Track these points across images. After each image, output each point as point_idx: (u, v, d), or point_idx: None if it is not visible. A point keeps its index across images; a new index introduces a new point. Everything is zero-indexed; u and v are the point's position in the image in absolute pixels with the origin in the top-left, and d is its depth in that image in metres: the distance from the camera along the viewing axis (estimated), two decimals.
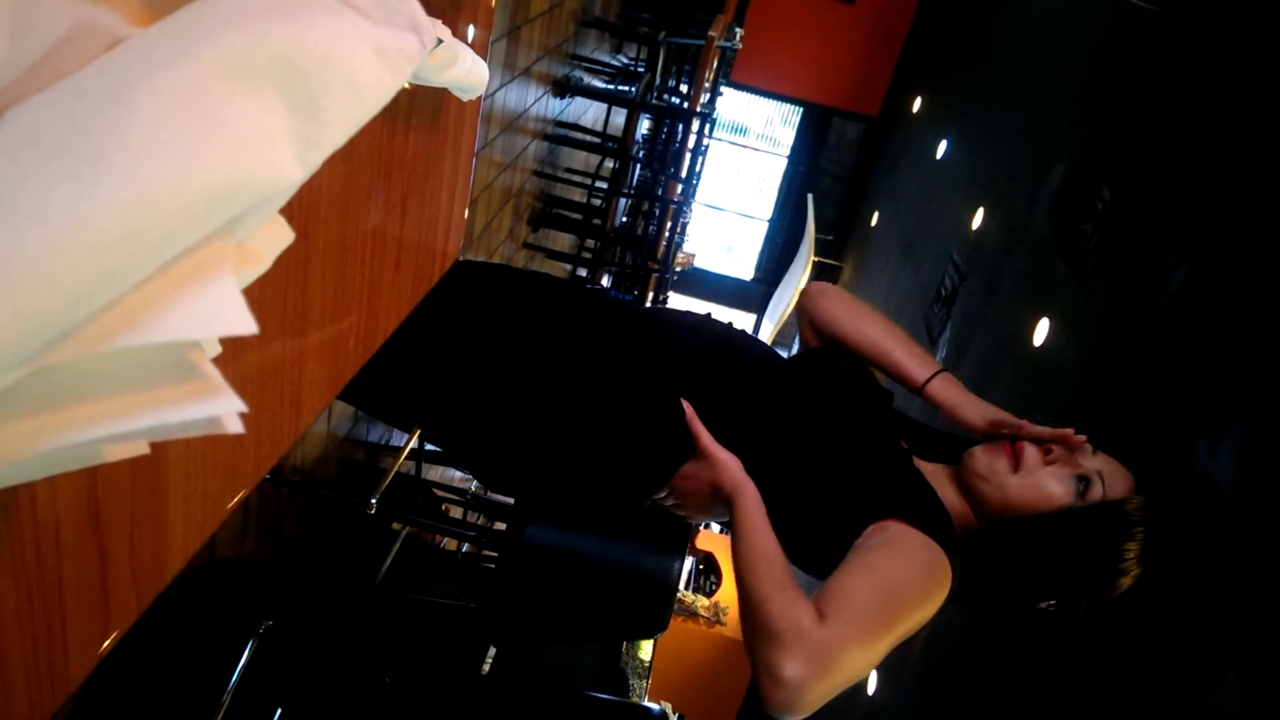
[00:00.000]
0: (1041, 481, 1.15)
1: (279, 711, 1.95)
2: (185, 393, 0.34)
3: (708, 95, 5.82)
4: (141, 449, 0.38)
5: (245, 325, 0.34)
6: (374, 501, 1.97)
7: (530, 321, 1.34)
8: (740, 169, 10.79)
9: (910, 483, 1.17)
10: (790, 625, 0.93)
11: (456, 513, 3.44)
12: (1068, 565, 1.17)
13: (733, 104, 9.70)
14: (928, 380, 1.28)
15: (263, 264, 0.43)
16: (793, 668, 0.91)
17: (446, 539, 3.30)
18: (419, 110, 0.76)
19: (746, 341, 1.35)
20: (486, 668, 2.35)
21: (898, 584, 1.00)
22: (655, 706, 2.26)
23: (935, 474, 1.25)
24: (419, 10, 0.49)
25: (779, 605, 0.96)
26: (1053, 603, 1.23)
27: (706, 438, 1.18)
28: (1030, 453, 1.17)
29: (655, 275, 5.02)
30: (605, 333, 1.33)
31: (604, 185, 4.69)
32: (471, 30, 0.81)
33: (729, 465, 1.15)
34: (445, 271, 0.95)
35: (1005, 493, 1.16)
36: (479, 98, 0.78)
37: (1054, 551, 1.16)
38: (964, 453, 1.22)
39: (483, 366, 1.31)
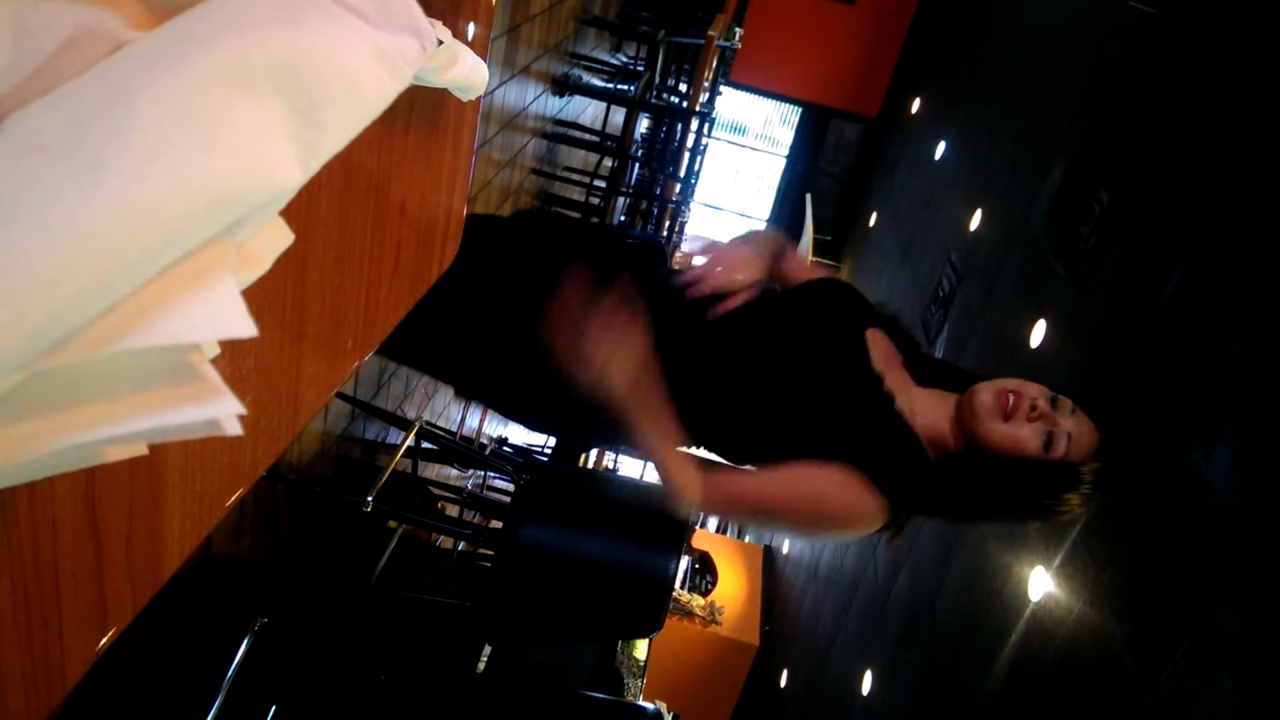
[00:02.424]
0: (1019, 432, 1.31)
1: (273, 709, 1.95)
2: (185, 395, 0.34)
3: (707, 94, 5.83)
4: (140, 450, 0.38)
5: (244, 328, 0.34)
6: (370, 499, 1.97)
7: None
8: (739, 168, 10.79)
9: (879, 431, 1.35)
10: (679, 472, 1.32)
11: (453, 511, 3.44)
12: (1020, 498, 1.37)
13: (732, 103, 9.69)
14: None
15: (262, 266, 0.44)
16: (691, 498, 1.32)
17: (442, 537, 3.30)
18: (418, 109, 0.76)
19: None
20: (482, 666, 2.35)
21: (796, 495, 1.31)
22: (650, 706, 2.27)
23: (932, 397, 1.43)
24: (419, 13, 0.49)
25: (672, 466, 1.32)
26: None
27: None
28: (1022, 405, 1.32)
29: None
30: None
31: (602, 184, 4.69)
32: (472, 28, 0.81)
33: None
34: (444, 271, 0.95)
35: (989, 434, 1.33)
36: (479, 97, 0.78)
37: (1011, 488, 1.35)
38: (969, 387, 1.39)
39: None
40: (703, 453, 1.45)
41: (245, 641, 1.82)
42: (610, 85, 5.24)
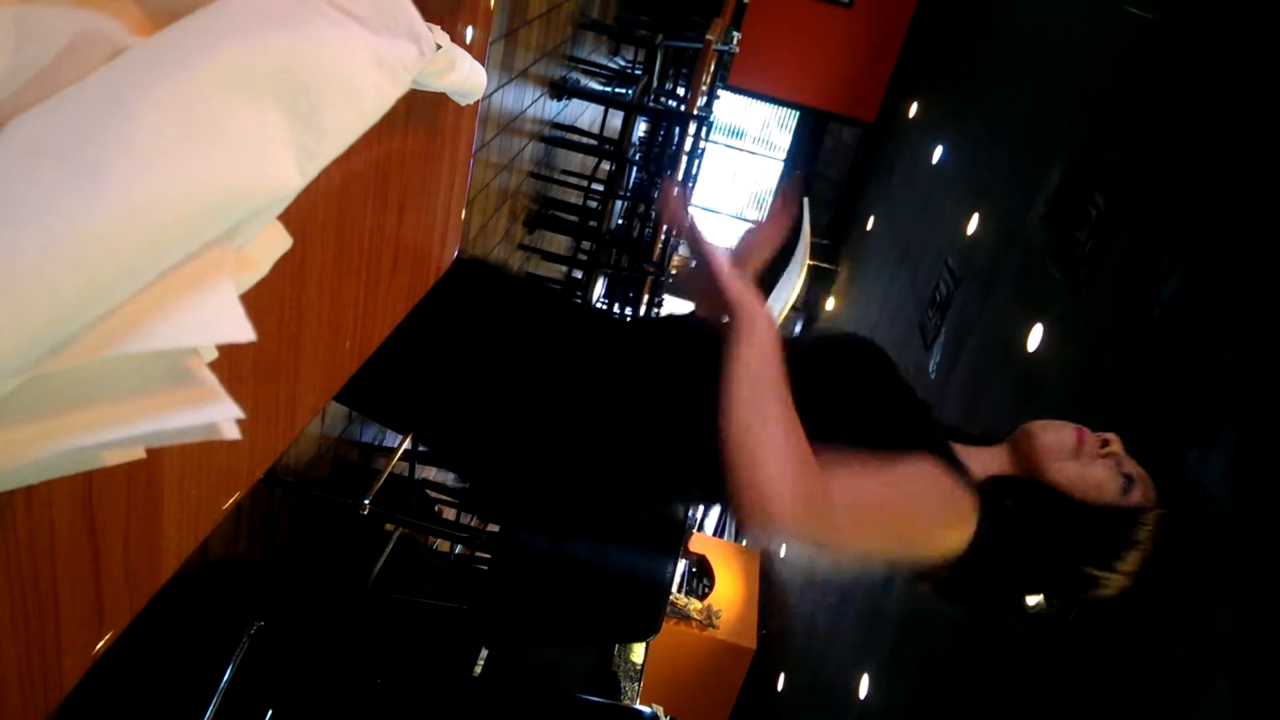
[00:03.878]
0: (1096, 471, 1.14)
1: (270, 713, 1.94)
2: (183, 399, 0.34)
3: (705, 98, 5.83)
4: (138, 454, 0.38)
5: (243, 333, 0.35)
6: (367, 502, 1.97)
7: (530, 332, 1.34)
8: (736, 172, 10.80)
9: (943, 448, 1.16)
10: (800, 465, 0.95)
11: (449, 514, 3.44)
12: (1078, 554, 1.15)
13: (729, 107, 9.71)
14: None
15: (260, 270, 0.44)
16: (785, 503, 0.93)
17: (439, 540, 3.30)
18: (416, 113, 0.76)
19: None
20: (478, 670, 2.35)
21: (909, 490, 1.02)
22: (647, 709, 2.27)
23: (968, 451, 1.23)
24: (418, 19, 0.49)
25: (795, 439, 0.96)
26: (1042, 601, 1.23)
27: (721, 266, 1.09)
28: (1091, 440, 1.16)
29: (650, 278, 5.02)
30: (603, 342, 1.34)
31: (600, 187, 4.69)
32: (470, 32, 0.81)
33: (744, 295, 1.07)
34: (442, 274, 0.95)
35: (1062, 472, 1.15)
36: (477, 101, 0.78)
37: (1078, 537, 1.14)
38: (1020, 426, 1.21)
39: (479, 371, 1.30)
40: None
41: (242, 645, 1.82)
42: (608, 89, 5.25)
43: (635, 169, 5.06)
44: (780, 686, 6.14)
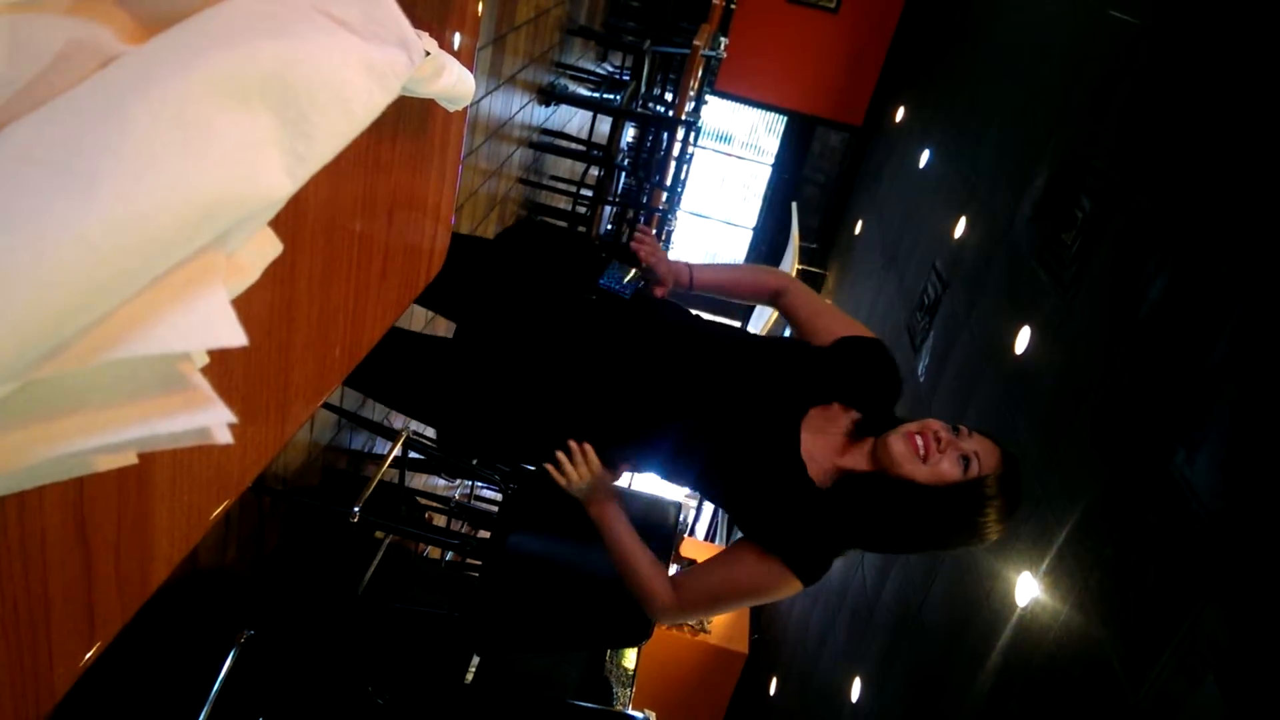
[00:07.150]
0: (939, 467, 1.46)
1: None
2: (175, 404, 0.34)
3: (692, 104, 5.84)
4: (130, 459, 0.38)
5: (235, 338, 0.35)
6: (357, 510, 1.96)
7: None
8: (725, 177, 10.82)
9: (798, 520, 1.54)
10: (656, 595, 1.57)
11: (440, 521, 3.43)
12: (938, 527, 1.52)
13: (717, 112, 9.73)
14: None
15: (251, 275, 0.44)
16: (655, 616, 1.60)
17: (430, 547, 3.29)
18: (406, 119, 0.76)
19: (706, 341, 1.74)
20: (470, 677, 2.34)
21: (736, 588, 1.58)
22: (639, 715, 2.26)
23: (862, 449, 1.56)
24: (407, 27, 0.50)
25: (649, 582, 1.58)
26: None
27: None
28: (932, 446, 1.47)
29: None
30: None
31: (589, 193, 4.70)
32: (458, 38, 0.82)
33: (601, 502, 1.59)
34: (430, 280, 0.95)
35: (914, 476, 1.46)
36: (465, 107, 0.78)
37: (928, 516, 1.49)
38: (881, 438, 1.53)
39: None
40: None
41: (231, 654, 1.81)
42: (596, 94, 5.26)
43: (624, 174, 5.07)
44: (772, 690, 6.14)
